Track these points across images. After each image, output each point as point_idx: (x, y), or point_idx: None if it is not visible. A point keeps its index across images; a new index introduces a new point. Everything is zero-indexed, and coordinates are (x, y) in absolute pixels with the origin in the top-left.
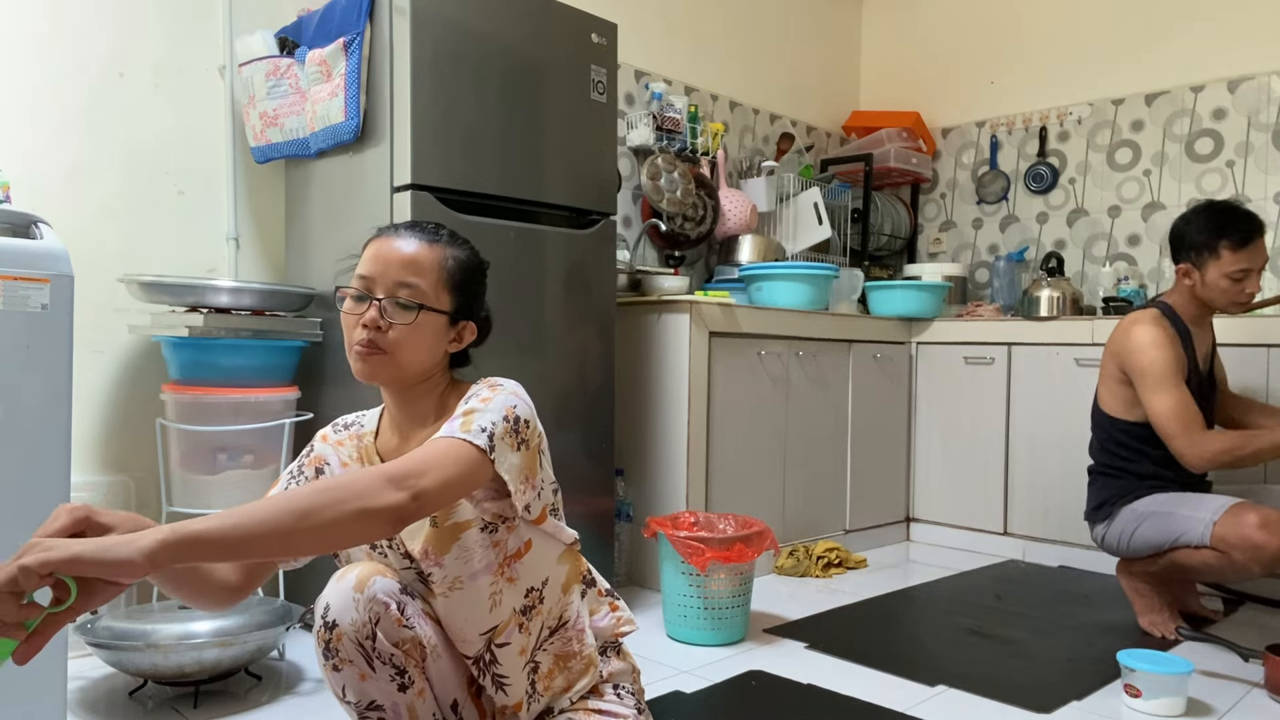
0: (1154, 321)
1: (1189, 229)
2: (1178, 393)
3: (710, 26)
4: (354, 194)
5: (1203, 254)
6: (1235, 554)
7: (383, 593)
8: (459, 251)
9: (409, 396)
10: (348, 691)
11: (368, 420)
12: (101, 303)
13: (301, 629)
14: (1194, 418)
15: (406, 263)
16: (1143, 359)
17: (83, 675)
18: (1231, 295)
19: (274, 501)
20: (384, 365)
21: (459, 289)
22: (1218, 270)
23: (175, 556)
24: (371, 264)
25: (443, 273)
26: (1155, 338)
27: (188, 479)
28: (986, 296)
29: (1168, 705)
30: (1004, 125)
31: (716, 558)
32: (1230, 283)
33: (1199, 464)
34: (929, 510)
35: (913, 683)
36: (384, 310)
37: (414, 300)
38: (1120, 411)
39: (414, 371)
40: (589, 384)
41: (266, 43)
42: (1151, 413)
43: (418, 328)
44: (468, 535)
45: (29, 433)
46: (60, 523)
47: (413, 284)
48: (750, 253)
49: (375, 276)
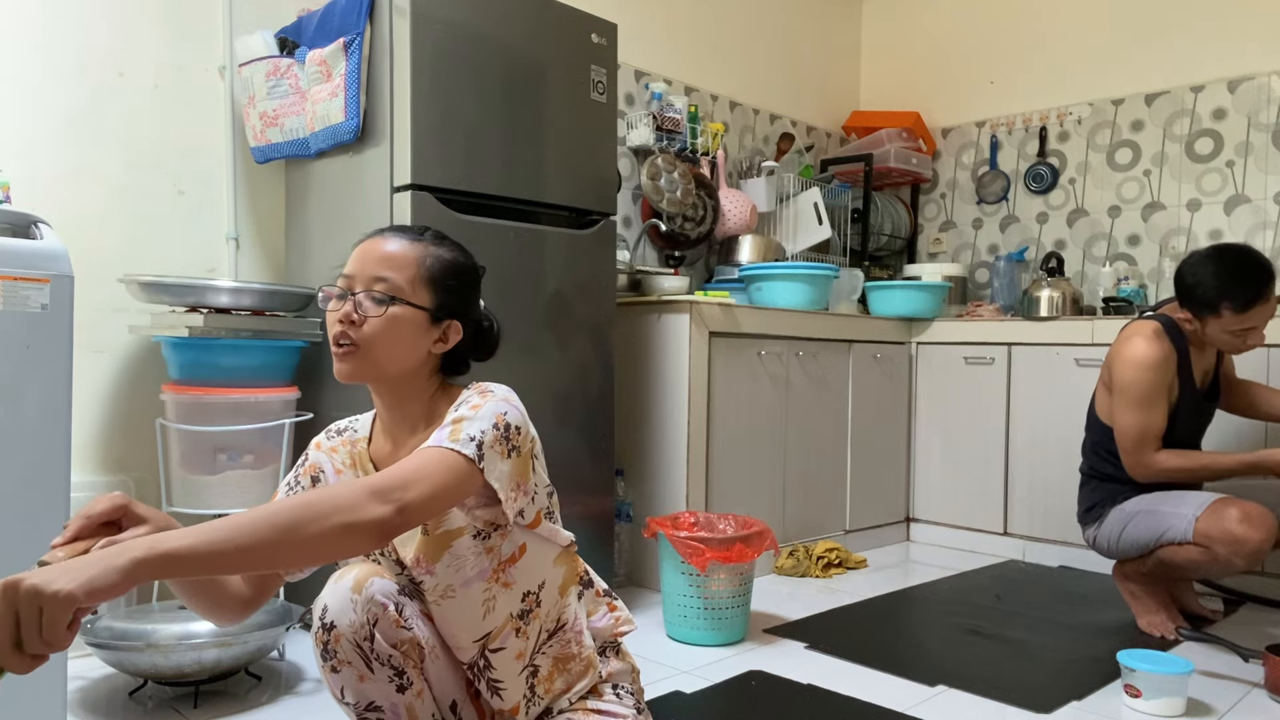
0: (1153, 337)
1: (1194, 281)
2: (1145, 415)
3: (710, 26)
4: (354, 194)
5: (1203, 311)
6: (1218, 549)
7: (381, 594)
8: (443, 251)
9: (397, 400)
10: (346, 692)
11: (361, 426)
12: (101, 303)
13: (301, 629)
14: (1151, 438)
15: (383, 258)
16: (1126, 374)
17: (83, 675)
18: (1232, 347)
19: (257, 515)
20: (361, 362)
21: (440, 287)
22: (1219, 326)
23: (156, 573)
24: (352, 262)
25: (421, 269)
26: (1147, 357)
27: (188, 479)
28: (986, 296)
29: (1168, 705)
30: (1004, 125)
31: (716, 558)
32: (1231, 337)
33: (1144, 479)
34: (929, 510)
35: (913, 683)
36: (358, 304)
37: (387, 293)
38: (1111, 419)
39: (393, 370)
40: (589, 384)
41: (266, 43)
42: (1115, 425)
43: (392, 321)
44: (460, 543)
45: (29, 433)
46: (100, 508)
47: (387, 278)
48: (750, 253)
49: (354, 274)
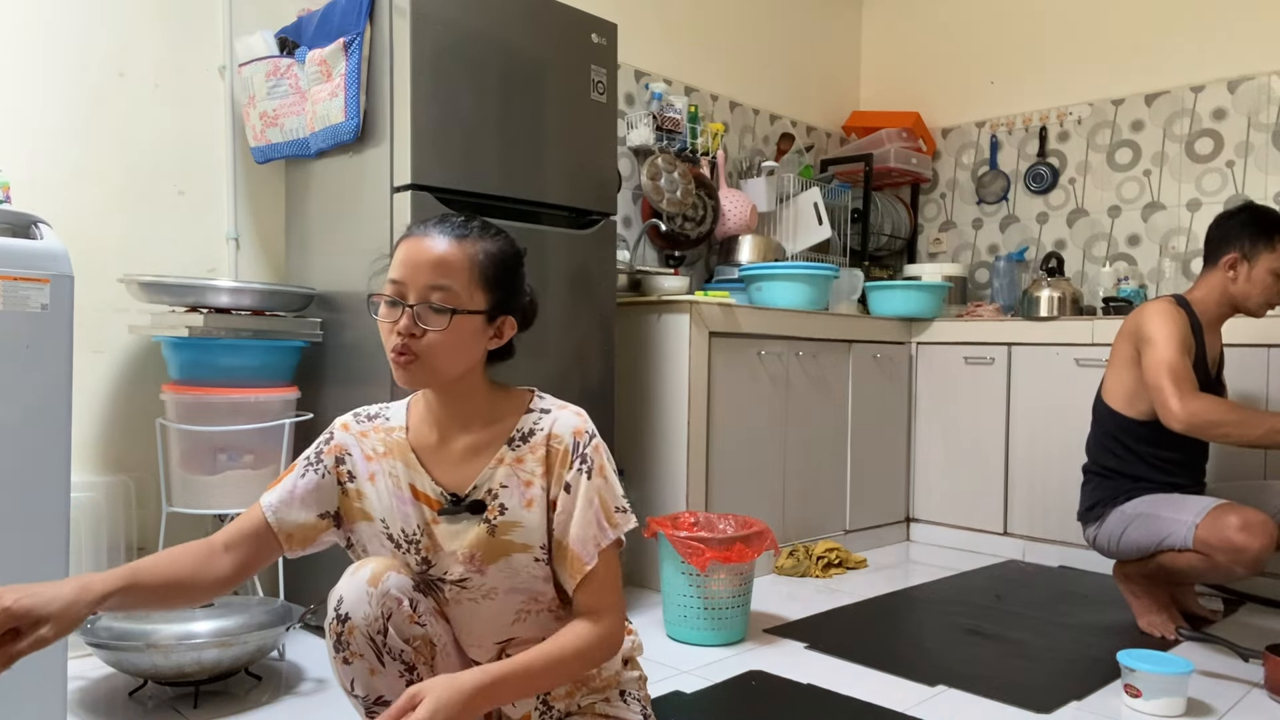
0: (1170, 303)
1: (1238, 221)
2: (1180, 360)
3: (710, 26)
4: (354, 194)
5: (1258, 244)
6: (1218, 556)
7: (396, 589)
8: (491, 244)
9: (452, 394)
10: (356, 685)
11: (394, 414)
12: (101, 303)
13: (301, 629)
14: (1187, 380)
15: (436, 264)
16: (1153, 327)
17: (83, 675)
18: (1271, 294)
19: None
20: (421, 371)
21: (494, 284)
22: (1268, 263)
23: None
24: (402, 268)
25: (475, 270)
26: (1170, 314)
27: (188, 479)
28: (986, 296)
29: (1168, 705)
30: (1004, 125)
31: (716, 558)
32: (1275, 279)
33: (1185, 421)
34: (929, 510)
35: (913, 683)
36: (417, 317)
37: (447, 304)
38: (1122, 405)
39: (454, 374)
40: (589, 384)
41: (266, 43)
42: (1149, 367)
43: (453, 331)
44: (519, 558)
45: (29, 433)
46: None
47: (444, 286)
48: (750, 253)
49: (407, 281)
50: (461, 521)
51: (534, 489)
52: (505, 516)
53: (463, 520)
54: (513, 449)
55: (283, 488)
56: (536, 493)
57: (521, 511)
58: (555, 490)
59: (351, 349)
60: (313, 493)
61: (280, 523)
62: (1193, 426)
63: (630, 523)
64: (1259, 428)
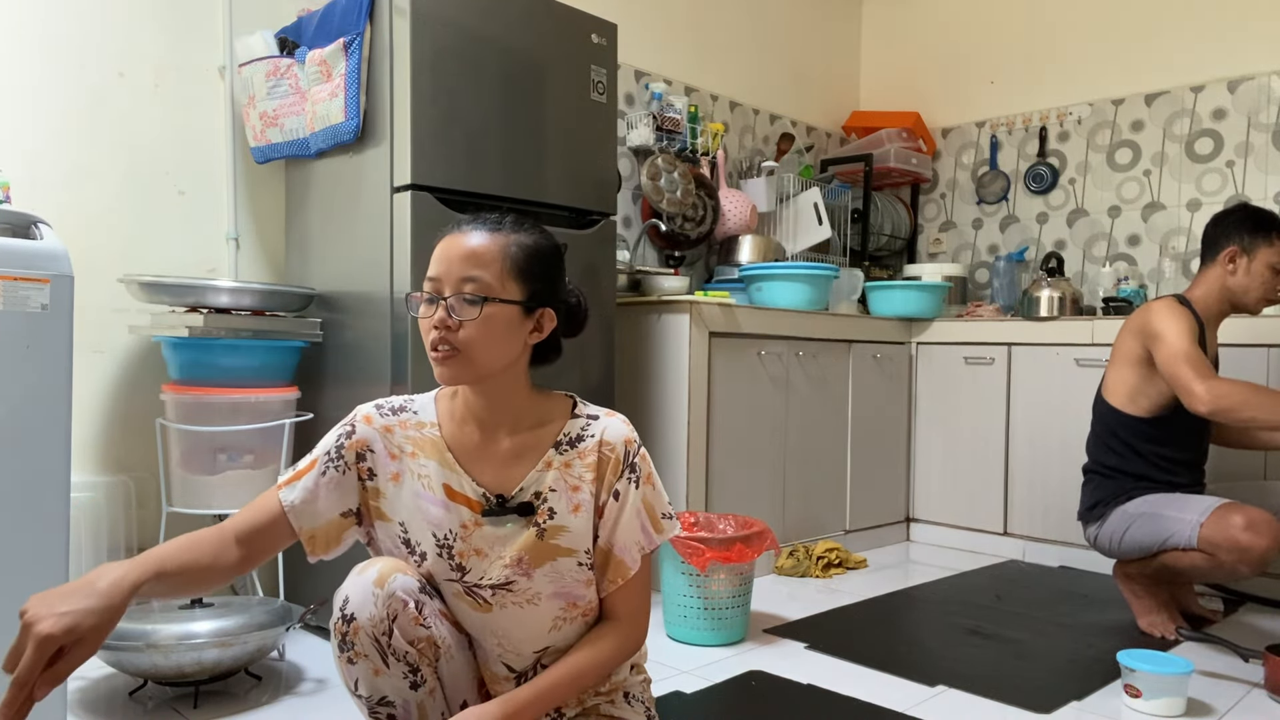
0: (1173, 302)
1: (1235, 218)
2: (1194, 347)
3: (710, 26)
4: (354, 194)
5: (1257, 238)
6: (1222, 555)
7: (402, 590)
8: (525, 237)
9: (495, 393)
10: (360, 685)
11: (421, 409)
12: (101, 303)
13: (301, 629)
14: (1208, 365)
15: (468, 256)
16: (1161, 321)
17: (83, 675)
18: (1269, 289)
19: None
20: (461, 365)
21: (528, 276)
22: (1266, 258)
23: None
24: (438, 264)
25: (507, 260)
26: (1177, 310)
27: (188, 479)
28: (986, 297)
29: (1168, 705)
30: (1004, 125)
31: (716, 558)
32: (1273, 274)
33: (1211, 403)
34: (929, 510)
35: (913, 683)
36: (450, 309)
37: (478, 294)
38: (1123, 403)
39: (495, 368)
40: (589, 384)
41: (266, 43)
42: (1165, 360)
43: (487, 322)
44: (565, 561)
45: (29, 433)
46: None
47: (475, 277)
48: (750, 253)
49: (442, 276)
50: (507, 524)
51: (582, 494)
52: (554, 520)
53: (508, 523)
54: (560, 453)
55: (303, 486)
56: (584, 498)
57: (569, 516)
58: (605, 497)
59: (351, 349)
60: (334, 491)
61: (302, 525)
62: (1218, 409)
63: (675, 528)
64: (1272, 404)
